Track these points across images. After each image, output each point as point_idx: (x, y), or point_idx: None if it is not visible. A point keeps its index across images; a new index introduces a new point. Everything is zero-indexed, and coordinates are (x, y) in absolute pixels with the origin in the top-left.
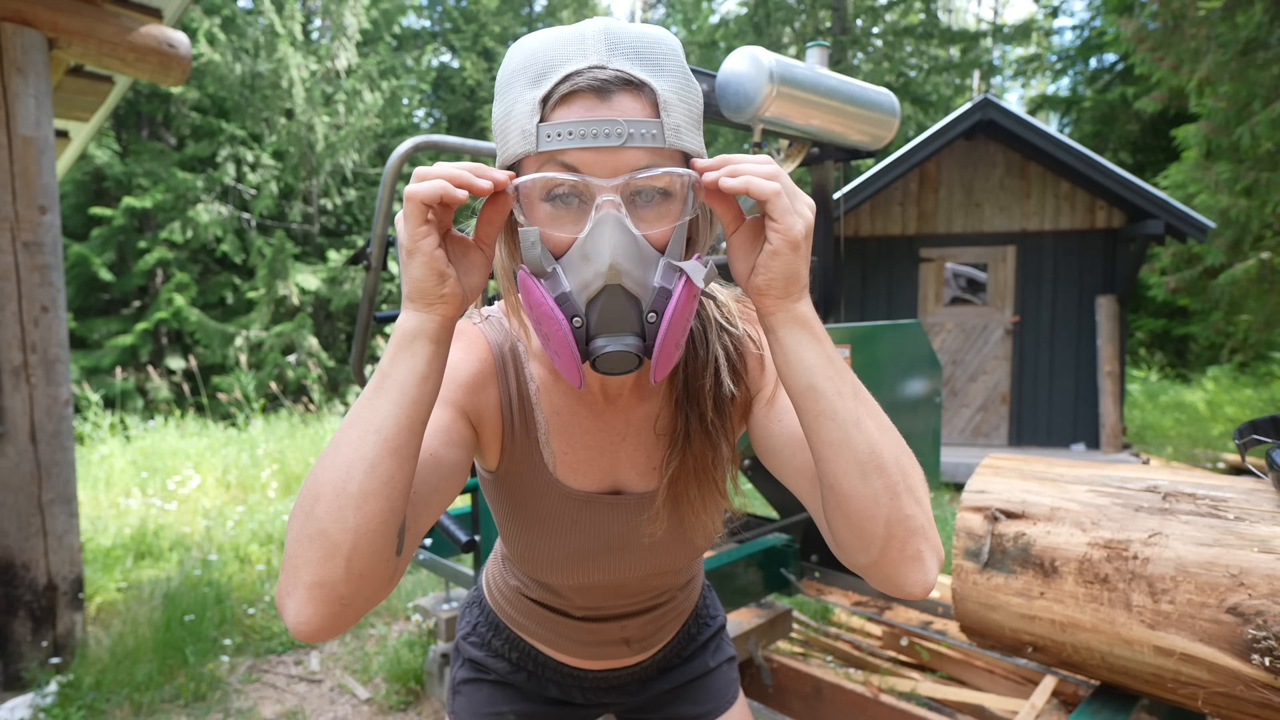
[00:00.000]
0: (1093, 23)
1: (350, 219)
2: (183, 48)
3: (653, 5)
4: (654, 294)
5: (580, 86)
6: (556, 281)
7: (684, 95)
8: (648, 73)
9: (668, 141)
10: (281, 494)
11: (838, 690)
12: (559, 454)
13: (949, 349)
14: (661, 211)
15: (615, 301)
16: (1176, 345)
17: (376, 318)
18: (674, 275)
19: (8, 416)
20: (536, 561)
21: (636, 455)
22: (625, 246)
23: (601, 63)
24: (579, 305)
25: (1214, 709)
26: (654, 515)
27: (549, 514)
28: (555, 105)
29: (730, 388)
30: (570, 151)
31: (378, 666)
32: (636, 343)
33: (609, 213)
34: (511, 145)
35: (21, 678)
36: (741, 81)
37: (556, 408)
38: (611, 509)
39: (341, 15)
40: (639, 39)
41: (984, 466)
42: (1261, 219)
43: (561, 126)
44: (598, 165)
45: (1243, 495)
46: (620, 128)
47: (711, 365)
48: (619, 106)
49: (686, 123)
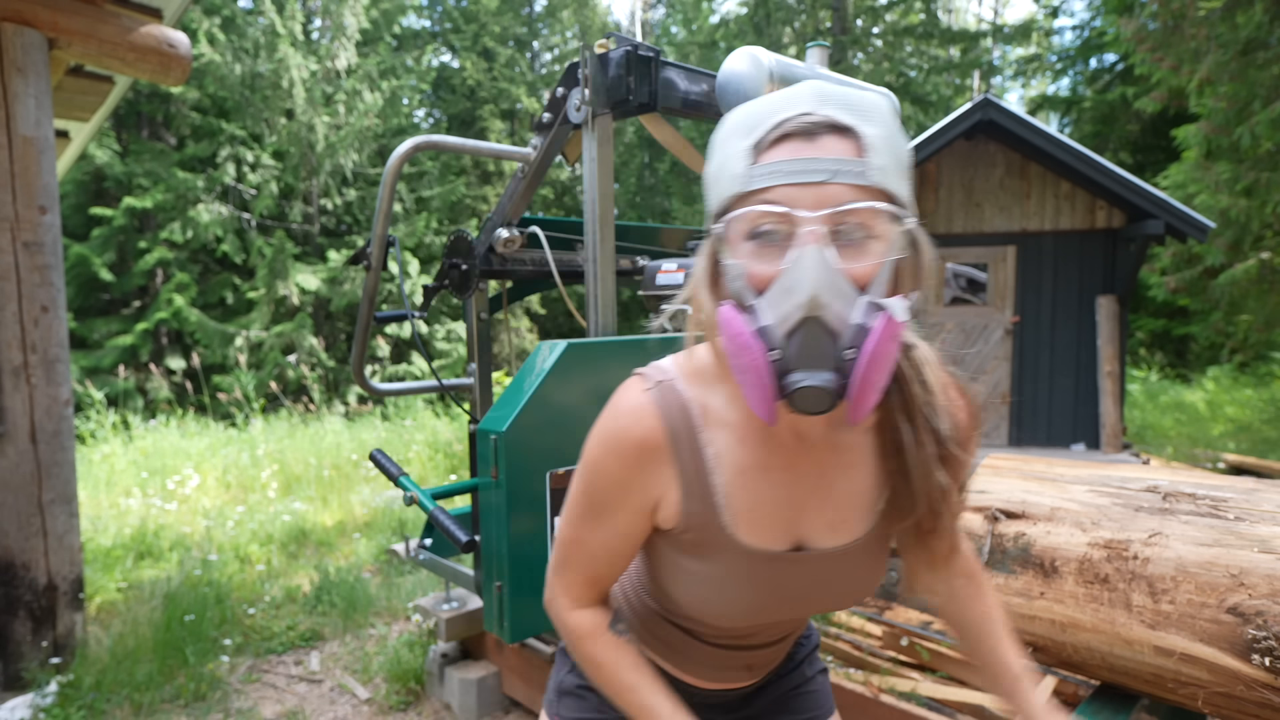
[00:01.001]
0: (1093, 23)
1: (350, 219)
2: (183, 48)
3: (653, 5)
4: (854, 331)
5: (789, 130)
6: (756, 316)
7: (890, 145)
8: (854, 119)
9: (870, 180)
10: (281, 494)
11: (838, 690)
12: (740, 513)
13: (949, 349)
14: (864, 250)
15: (813, 335)
16: (1176, 345)
17: (376, 318)
18: (875, 313)
19: (8, 416)
20: (706, 612)
21: (825, 509)
22: (826, 279)
23: (810, 110)
24: (777, 338)
25: (1214, 709)
26: (840, 575)
27: (723, 572)
28: (766, 150)
29: (943, 480)
30: (776, 189)
31: (378, 666)
32: (834, 379)
33: (810, 246)
34: (723, 189)
35: (21, 678)
36: (741, 81)
37: (741, 465)
38: (794, 565)
39: (341, 15)
40: (849, 94)
41: (984, 466)
42: (1261, 219)
43: (770, 167)
44: (802, 200)
45: (1243, 495)
46: (825, 165)
47: (923, 429)
48: (825, 147)
49: (893, 168)
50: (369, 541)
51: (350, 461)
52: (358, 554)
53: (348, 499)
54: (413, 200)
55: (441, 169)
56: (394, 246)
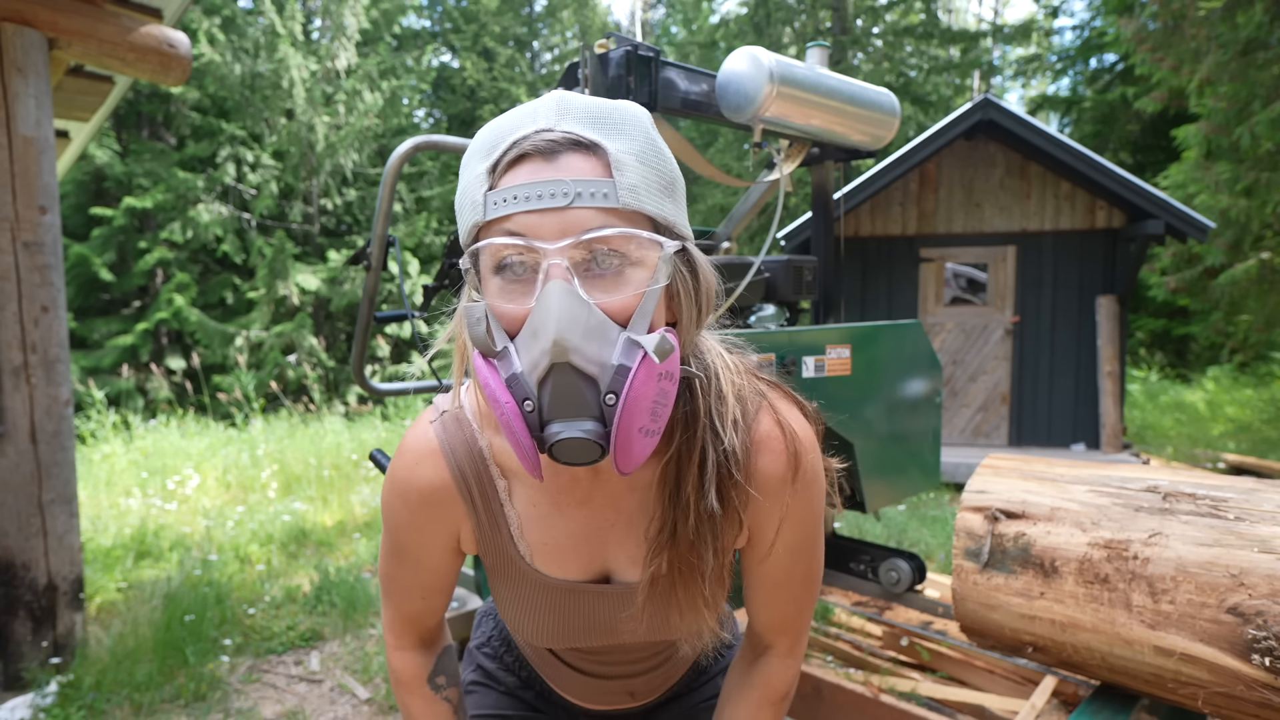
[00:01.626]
0: (1093, 23)
1: (350, 219)
2: (183, 48)
3: (653, 5)
4: (611, 373)
5: (526, 150)
6: (509, 361)
7: (645, 159)
8: (599, 134)
9: (621, 201)
10: (281, 494)
11: (838, 690)
12: (537, 546)
13: (949, 349)
14: (621, 280)
15: (566, 381)
16: (1177, 345)
17: (376, 318)
18: (636, 351)
19: (8, 416)
20: (519, 630)
21: (627, 542)
22: (573, 317)
23: (550, 125)
24: (530, 387)
25: (1214, 709)
26: (633, 614)
27: (531, 599)
28: (502, 172)
29: (714, 505)
30: (516, 216)
31: (378, 666)
32: (596, 428)
33: (555, 282)
34: (465, 218)
35: (21, 678)
36: (741, 81)
37: (533, 499)
38: (597, 597)
39: (341, 15)
40: (594, 105)
41: (984, 466)
42: (1262, 219)
43: (507, 191)
44: (544, 228)
45: (1243, 495)
46: (566, 187)
47: (695, 463)
48: (566, 166)
49: (648, 186)
50: (369, 541)
51: (350, 461)
52: (358, 554)
53: (348, 499)
54: (413, 200)
55: (441, 169)
56: (394, 246)
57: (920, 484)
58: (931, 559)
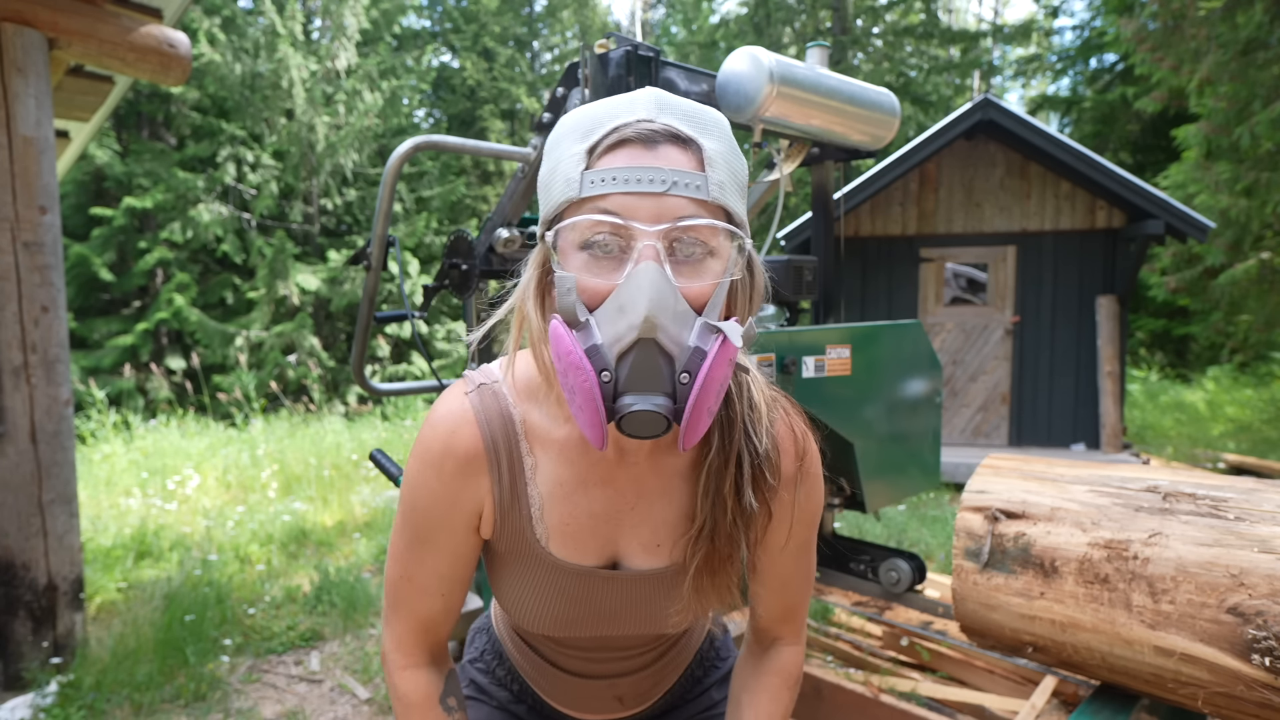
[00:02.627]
0: (1093, 23)
1: (350, 219)
2: (183, 48)
3: (653, 5)
4: (689, 354)
5: (628, 136)
6: (589, 333)
7: (729, 160)
8: (695, 131)
9: (711, 195)
10: (281, 494)
11: (838, 690)
12: (555, 527)
13: (949, 349)
14: (702, 268)
15: (648, 357)
16: (1177, 345)
17: (376, 318)
18: (711, 337)
19: (8, 416)
20: (522, 617)
21: (641, 529)
22: (663, 297)
23: (650, 117)
24: (609, 359)
25: (1214, 709)
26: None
27: (540, 584)
28: (602, 154)
29: (751, 501)
30: (613, 196)
31: (378, 667)
32: (667, 404)
33: (648, 263)
34: (555, 195)
35: (22, 678)
36: (741, 81)
37: (559, 477)
38: (606, 583)
39: (341, 15)
40: (688, 105)
41: (984, 466)
42: (1262, 219)
43: (606, 173)
44: (640, 211)
45: (1243, 495)
46: (665, 175)
47: (732, 465)
48: (665, 156)
49: (731, 184)
50: (369, 541)
51: (350, 461)
52: (358, 554)
53: (348, 499)
54: (413, 200)
55: (441, 169)
56: (394, 246)
57: (920, 484)
58: (931, 559)
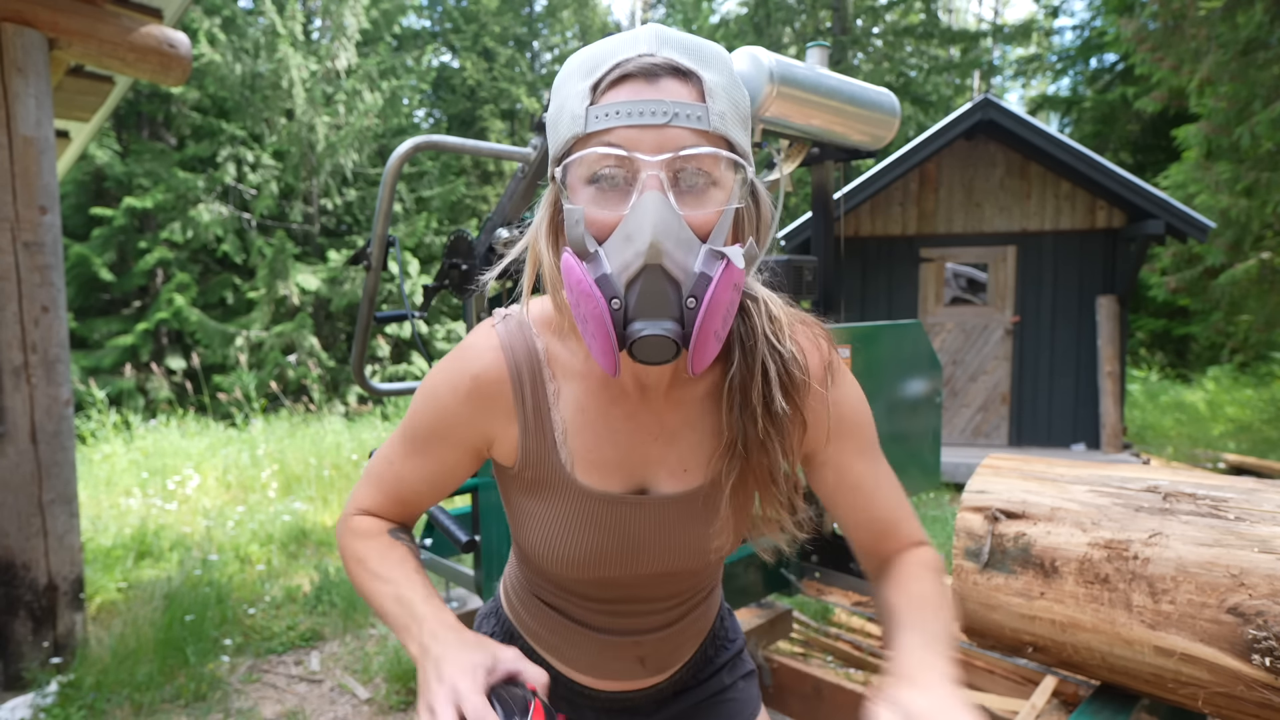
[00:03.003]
0: (1093, 23)
1: (350, 219)
2: (183, 48)
3: (653, 5)
4: (695, 279)
5: (630, 71)
6: (598, 263)
7: (730, 91)
8: (695, 63)
9: (712, 125)
10: (281, 494)
11: (838, 690)
12: (579, 454)
13: (949, 349)
14: (706, 197)
15: (655, 283)
16: (1177, 345)
17: (376, 318)
18: (716, 262)
19: (8, 416)
20: (550, 558)
21: (668, 455)
22: (667, 225)
23: (651, 51)
24: (618, 287)
25: (1214, 709)
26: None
27: (566, 513)
28: (605, 90)
29: (782, 405)
30: (617, 130)
31: (378, 666)
32: (675, 328)
33: (652, 192)
34: (562, 132)
35: (22, 678)
36: (742, 81)
37: (582, 405)
38: (635, 509)
39: (341, 15)
40: (688, 38)
41: (984, 466)
42: (1262, 219)
43: (609, 107)
44: (643, 143)
45: (1243, 495)
46: (666, 107)
47: (758, 376)
48: (666, 89)
49: (732, 115)
50: None
51: (350, 461)
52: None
53: (348, 499)
54: (413, 200)
55: (441, 169)
56: (394, 246)
57: (920, 484)
58: None
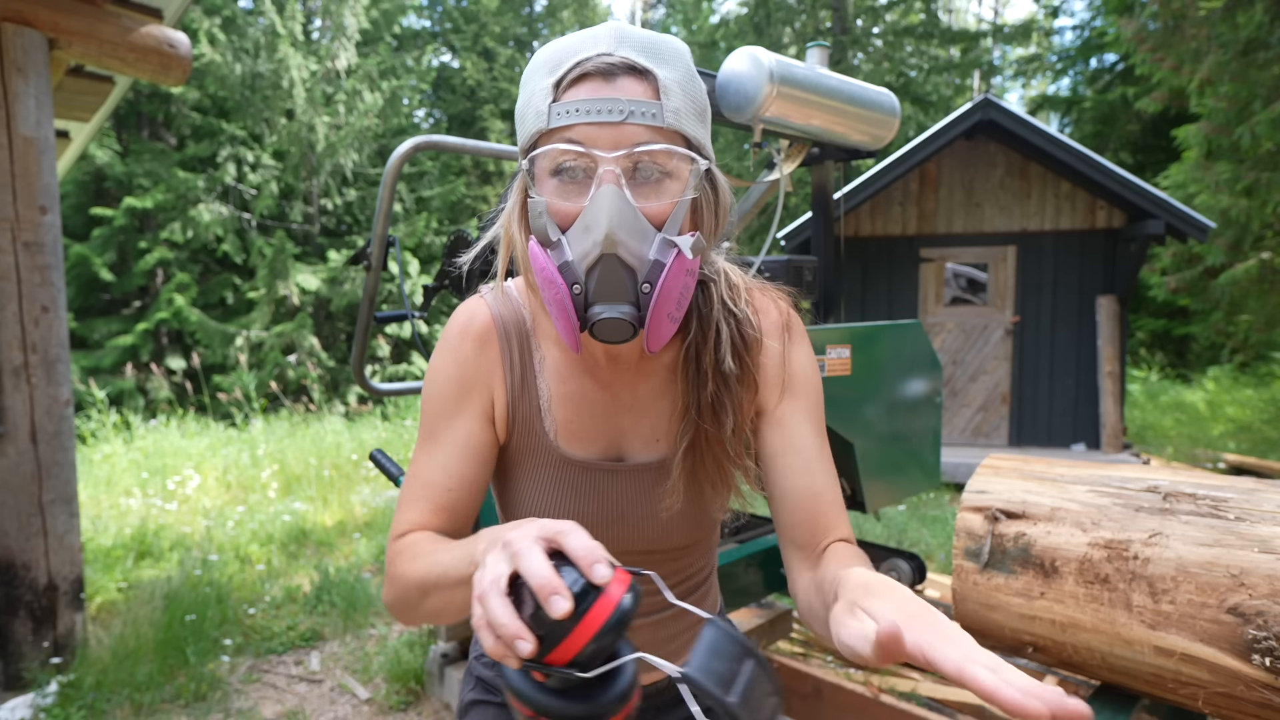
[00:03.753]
0: (1093, 23)
1: (350, 219)
2: (183, 48)
3: (653, 5)
4: (649, 266)
5: (589, 70)
6: (561, 251)
7: (686, 87)
8: (651, 62)
9: (666, 121)
10: (281, 494)
11: (838, 690)
12: (561, 423)
13: (949, 349)
14: (661, 189)
15: (611, 270)
16: (1177, 345)
17: (376, 318)
18: (669, 250)
19: (8, 416)
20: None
21: (640, 425)
22: (622, 216)
23: (609, 50)
24: (579, 273)
25: (1214, 709)
26: (672, 487)
27: (550, 481)
28: (566, 87)
29: (730, 365)
30: (577, 127)
31: (378, 666)
32: (631, 311)
33: (608, 186)
34: (528, 127)
35: (22, 678)
36: (741, 81)
37: (563, 377)
38: (612, 475)
39: (341, 15)
40: (646, 36)
41: (984, 467)
42: (1262, 219)
43: (570, 105)
44: (601, 139)
45: (1243, 495)
46: (622, 105)
47: (711, 340)
48: (622, 88)
49: (688, 111)
50: (369, 541)
51: (350, 461)
52: (358, 554)
53: (348, 499)
54: (413, 200)
55: (441, 169)
56: (394, 246)
57: (920, 484)
58: (931, 559)
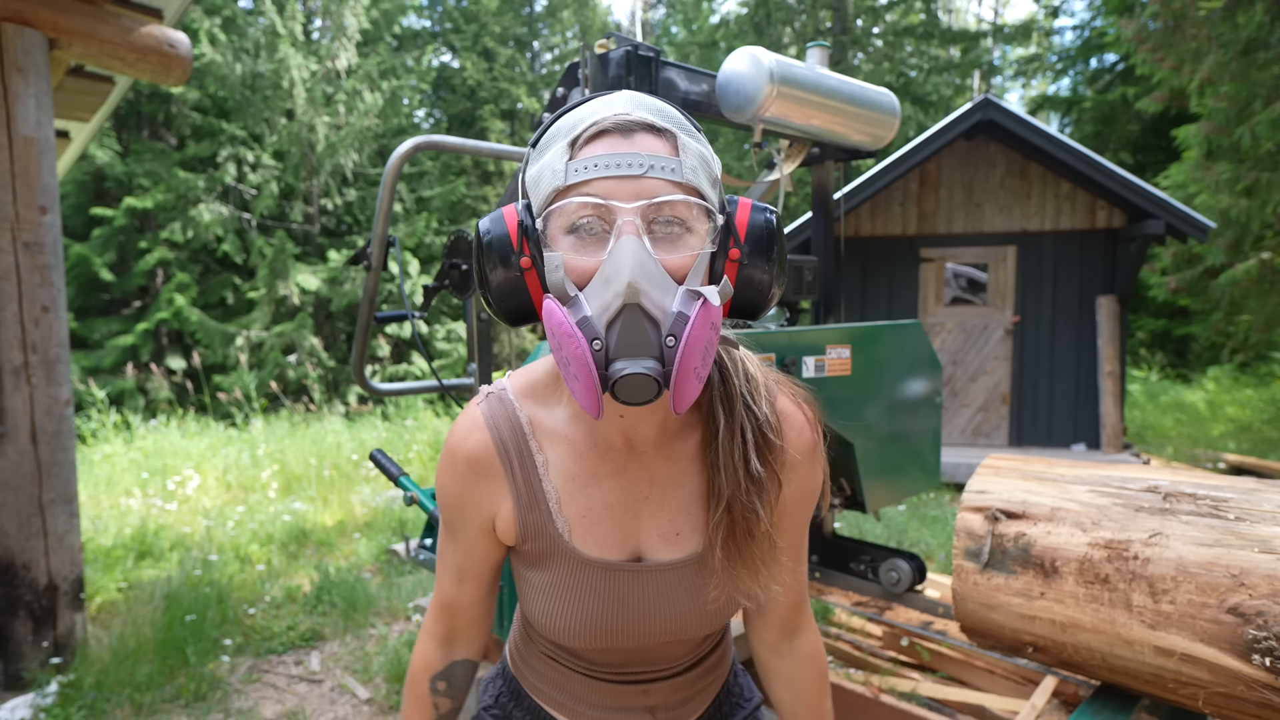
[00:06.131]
0: (1093, 23)
1: (350, 219)
2: (183, 48)
3: (653, 5)
4: (673, 318)
5: (606, 127)
6: (578, 307)
7: (700, 152)
8: (668, 123)
9: (685, 177)
10: (281, 494)
11: (838, 690)
12: (575, 520)
13: (949, 349)
14: (680, 243)
15: (634, 322)
16: (1177, 345)
17: (376, 318)
18: (693, 301)
19: (8, 416)
20: (555, 629)
21: (659, 517)
22: (644, 266)
23: (626, 111)
24: (599, 328)
25: (1214, 709)
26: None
27: (567, 583)
28: (582, 145)
29: (758, 468)
30: (595, 181)
31: (378, 666)
32: (656, 366)
33: (629, 236)
34: (543, 188)
35: (22, 678)
36: (741, 81)
37: (572, 471)
38: (632, 577)
39: (342, 15)
40: (661, 104)
41: (984, 467)
42: (1262, 219)
43: (588, 160)
44: (620, 192)
45: (1243, 495)
46: (642, 159)
47: (737, 435)
48: (641, 143)
49: (704, 173)
50: (369, 541)
51: (350, 461)
52: (358, 554)
53: (348, 499)
54: (413, 200)
55: (441, 169)
56: (394, 246)
57: (920, 484)
58: (931, 559)
